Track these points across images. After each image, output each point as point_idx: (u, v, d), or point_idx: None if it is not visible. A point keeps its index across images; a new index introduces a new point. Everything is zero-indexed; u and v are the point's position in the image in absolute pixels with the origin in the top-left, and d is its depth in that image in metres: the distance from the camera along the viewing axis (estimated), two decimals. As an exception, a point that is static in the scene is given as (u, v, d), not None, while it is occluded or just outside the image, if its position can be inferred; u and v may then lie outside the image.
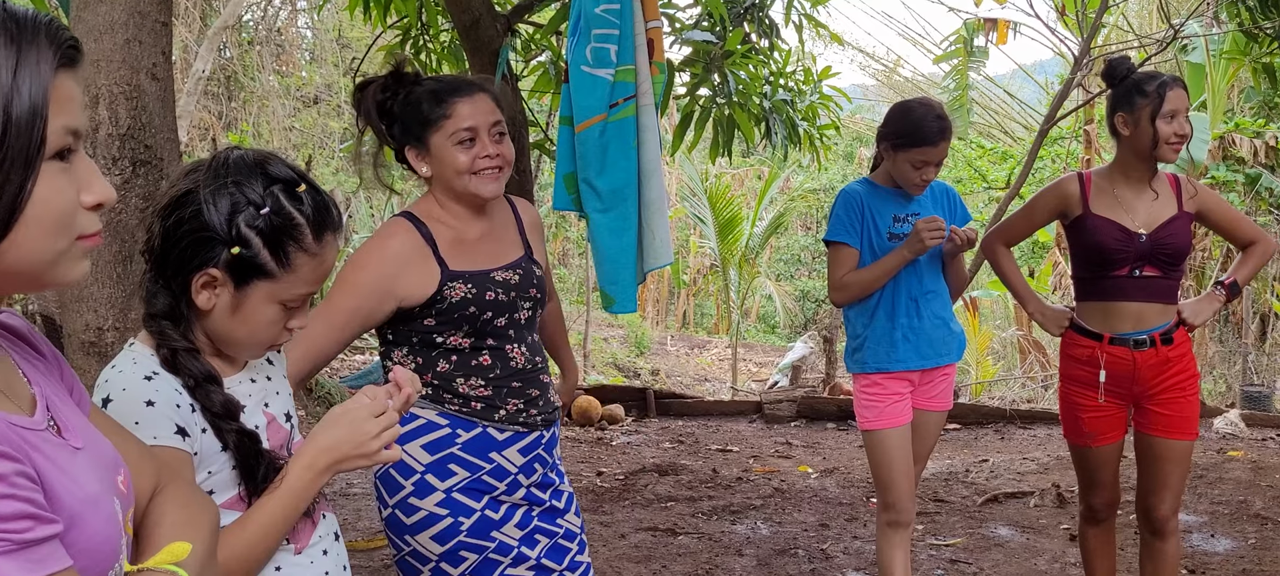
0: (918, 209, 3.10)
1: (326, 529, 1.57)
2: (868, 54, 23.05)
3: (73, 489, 0.97)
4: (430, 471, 2.15)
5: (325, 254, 1.42)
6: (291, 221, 1.38)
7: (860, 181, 3.21)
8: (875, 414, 3.09)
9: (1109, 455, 3.15)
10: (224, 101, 13.12)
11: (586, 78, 2.97)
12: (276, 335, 1.44)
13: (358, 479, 5.73)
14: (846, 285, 3.08)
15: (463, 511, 2.16)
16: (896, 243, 3.04)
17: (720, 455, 6.75)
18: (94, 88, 2.27)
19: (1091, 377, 3.06)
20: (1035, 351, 10.44)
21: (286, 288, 1.40)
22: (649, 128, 3.00)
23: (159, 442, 1.32)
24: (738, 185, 15.62)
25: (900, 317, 3.07)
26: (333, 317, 2.12)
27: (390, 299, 2.13)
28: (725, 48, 5.36)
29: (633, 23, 2.99)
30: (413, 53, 5.77)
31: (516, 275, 2.24)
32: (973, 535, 4.76)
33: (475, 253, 2.22)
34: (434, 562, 2.17)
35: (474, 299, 2.16)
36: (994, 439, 7.37)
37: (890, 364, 3.07)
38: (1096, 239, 3.00)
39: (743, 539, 4.73)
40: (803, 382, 9.77)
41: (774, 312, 16.98)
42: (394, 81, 2.20)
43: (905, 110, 3.07)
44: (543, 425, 2.27)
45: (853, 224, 3.08)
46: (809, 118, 6.26)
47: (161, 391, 1.36)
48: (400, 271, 2.12)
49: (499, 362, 2.21)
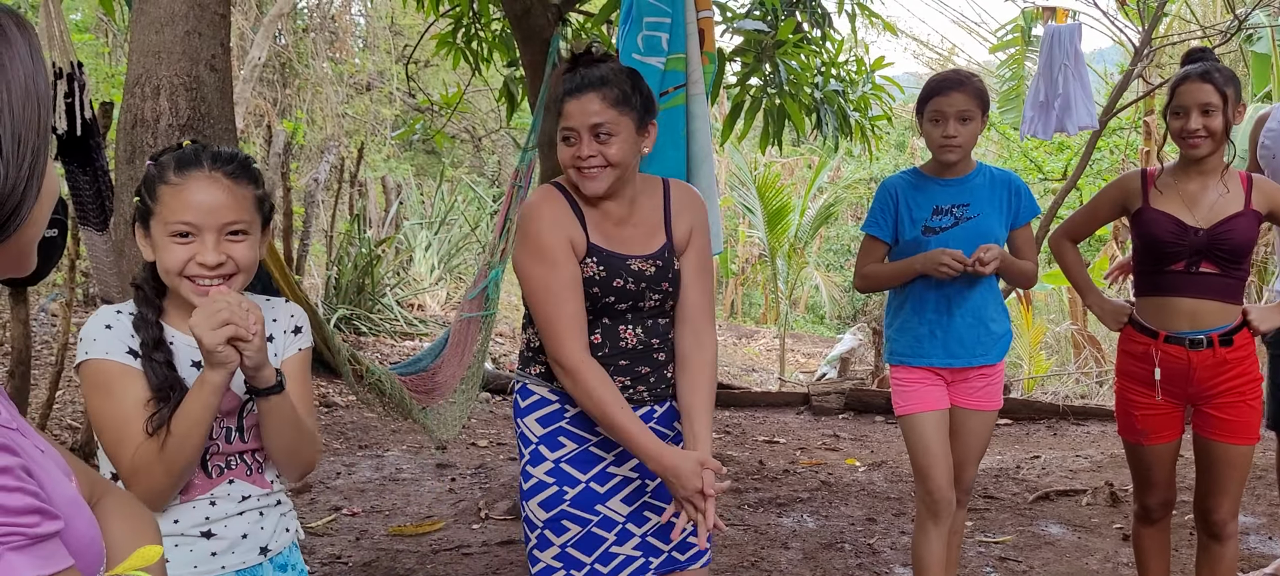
0: (968, 199, 3.05)
1: (233, 492, 1.75)
2: (922, 42, 22.85)
3: (55, 490, 0.94)
4: (543, 442, 2.26)
5: (188, 184, 1.66)
6: (159, 167, 1.70)
7: (905, 172, 3.19)
8: (905, 399, 3.11)
9: (1163, 454, 3.09)
10: (278, 88, 13.30)
11: (637, 66, 2.97)
12: (182, 264, 1.65)
13: (407, 464, 5.80)
14: (868, 276, 3.16)
15: (568, 481, 2.25)
16: (932, 236, 3.02)
17: (767, 446, 6.73)
18: (155, 79, 2.31)
19: (1146, 374, 3.01)
20: (1089, 346, 10.26)
21: (163, 216, 1.66)
22: (699, 116, 3.00)
23: (110, 357, 1.64)
24: (787, 174, 15.54)
25: (928, 314, 3.06)
26: (544, 293, 2.16)
27: (571, 250, 2.17)
28: (777, 37, 5.33)
29: (684, 11, 2.98)
30: (464, 41, 5.81)
31: (654, 266, 2.25)
32: (1023, 532, 4.69)
33: (616, 235, 2.23)
34: (540, 529, 2.26)
35: (600, 281, 2.19)
36: (1046, 435, 7.26)
37: (914, 358, 3.09)
38: (1151, 231, 2.95)
39: (789, 531, 4.71)
40: (851, 375, 9.71)
41: (822, 303, 16.89)
42: (572, 63, 2.26)
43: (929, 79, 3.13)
44: (653, 400, 2.30)
45: (885, 216, 3.10)
46: (861, 108, 6.20)
47: (117, 324, 1.69)
48: (564, 224, 2.18)
49: (608, 341, 2.24)
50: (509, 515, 4.81)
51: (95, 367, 1.65)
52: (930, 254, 2.96)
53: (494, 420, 7.34)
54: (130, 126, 2.31)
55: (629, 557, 2.30)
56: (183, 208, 1.65)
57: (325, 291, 10.11)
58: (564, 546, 2.25)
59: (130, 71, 2.37)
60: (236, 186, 1.68)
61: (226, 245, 1.66)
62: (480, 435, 6.77)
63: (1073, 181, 7.38)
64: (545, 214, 2.19)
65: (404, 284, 11.71)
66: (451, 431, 4.17)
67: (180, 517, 1.71)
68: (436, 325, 10.92)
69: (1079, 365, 10.35)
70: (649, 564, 2.31)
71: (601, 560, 2.27)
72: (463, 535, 4.55)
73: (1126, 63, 7.79)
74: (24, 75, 0.91)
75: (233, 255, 1.67)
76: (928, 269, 2.97)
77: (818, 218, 13.71)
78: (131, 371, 1.65)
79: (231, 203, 1.67)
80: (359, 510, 4.91)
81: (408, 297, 11.50)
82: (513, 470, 5.58)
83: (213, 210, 1.65)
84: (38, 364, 6.30)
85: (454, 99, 7.02)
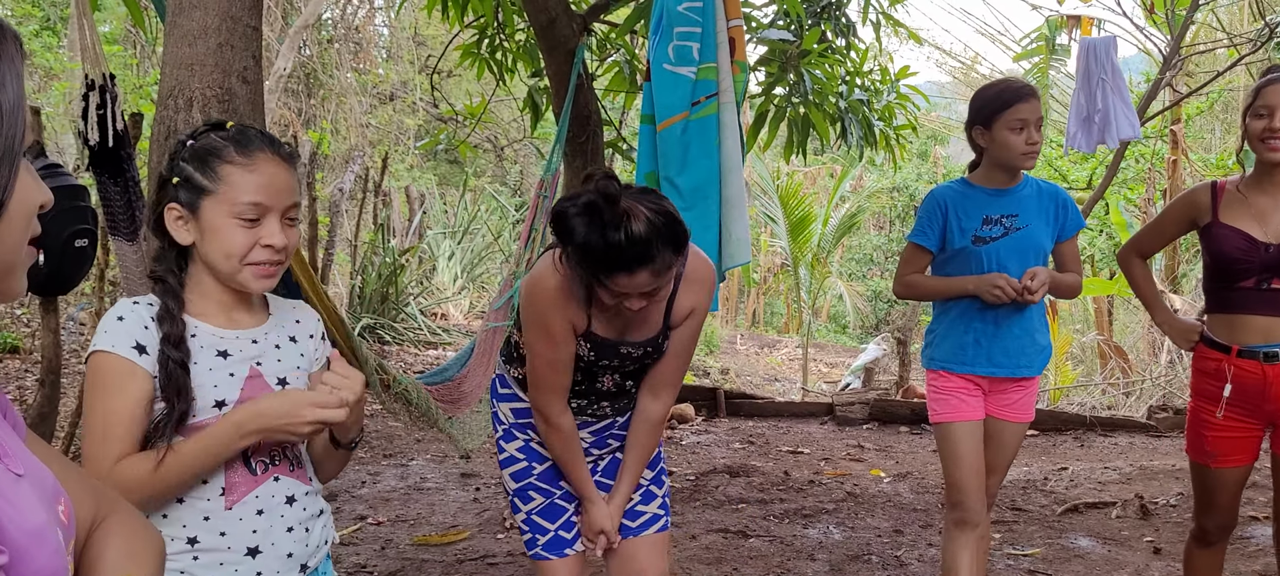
0: (1017, 210, 3.02)
1: (278, 491, 1.66)
2: (945, 51, 22.71)
3: (16, 519, 0.88)
4: (515, 427, 2.55)
5: (256, 164, 1.59)
6: (212, 144, 1.61)
7: (955, 181, 3.15)
8: (944, 407, 3.07)
9: (1230, 479, 2.96)
10: (303, 98, 13.40)
11: (669, 76, 2.96)
12: (247, 248, 1.59)
13: (431, 473, 5.81)
14: (911, 285, 3.14)
15: (537, 458, 2.52)
16: (981, 245, 2.99)
17: (791, 457, 6.70)
18: (188, 91, 2.33)
19: (1218, 392, 2.89)
20: (1116, 357, 10.16)
21: (228, 198, 1.58)
22: (729, 126, 2.99)
23: (114, 350, 1.55)
24: (809, 183, 15.50)
25: (974, 322, 3.03)
26: (541, 360, 2.31)
27: (572, 332, 2.28)
28: (802, 47, 5.31)
29: (715, 21, 2.98)
30: (489, 51, 5.82)
31: (644, 349, 2.36)
32: (1052, 545, 4.65)
33: (617, 324, 2.31)
34: (512, 496, 2.56)
35: (586, 357, 2.34)
36: (1073, 446, 7.19)
37: (958, 365, 3.06)
38: (1220, 247, 2.85)
39: (815, 543, 4.69)
40: (875, 385, 9.66)
41: (845, 313, 16.83)
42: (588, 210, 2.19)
43: (979, 91, 3.06)
44: (616, 414, 2.51)
45: (932, 226, 3.07)
46: (886, 117, 6.18)
47: (130, 316, 1.59)
48: (569, 311, 2.25)
49: (586, 382, 2.42)
50: (533, 525, 4.81)
51: (97, 361, 1.57)
52: (985, 278, 2.95)
53: (517, 429, 7.35)
54: (164, 138, 2.32)
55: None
56: (255, 188, 1.58)
57: (350, 300, 10.17)
58: (530, 513, 2.53)
59: (163, 84, 2.38)
60: (292, 170, 1.65)
61: (285, 229, 1.62)
62: (504, 444, 6.77)
63: (1099, 192, 7.31)
64: (555, 298, 2.23)
65: (427, 293, 11.76)
66: (476, 441, 4.18)
67: (227, 529, 1.61)
68: (459, 334, 10.95)
69: (1105, 376, 10.25)
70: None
71: (564, 527, 2.52)
72: (488, 545, 4.55)
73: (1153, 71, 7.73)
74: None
75: (289, 240, 1.63)
76: (980, 292, 2.95)
77: (841, 227, 13.68)
78: (133, 370, 1.56)
79: (292, 185, 1.63)
80: (384, 519, 4.92)
81: (431, 307, 11.55)
82: (537, 480, 5.57)
83: (281, 191, 1.61)
84: (66, 372, 6.36)
85: (478, 109, 7.04)
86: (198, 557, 1.59)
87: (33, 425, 3.93)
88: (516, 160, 15.85)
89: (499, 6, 5.55)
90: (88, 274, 4.65)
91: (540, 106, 5.94)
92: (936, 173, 17.18)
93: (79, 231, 3.73)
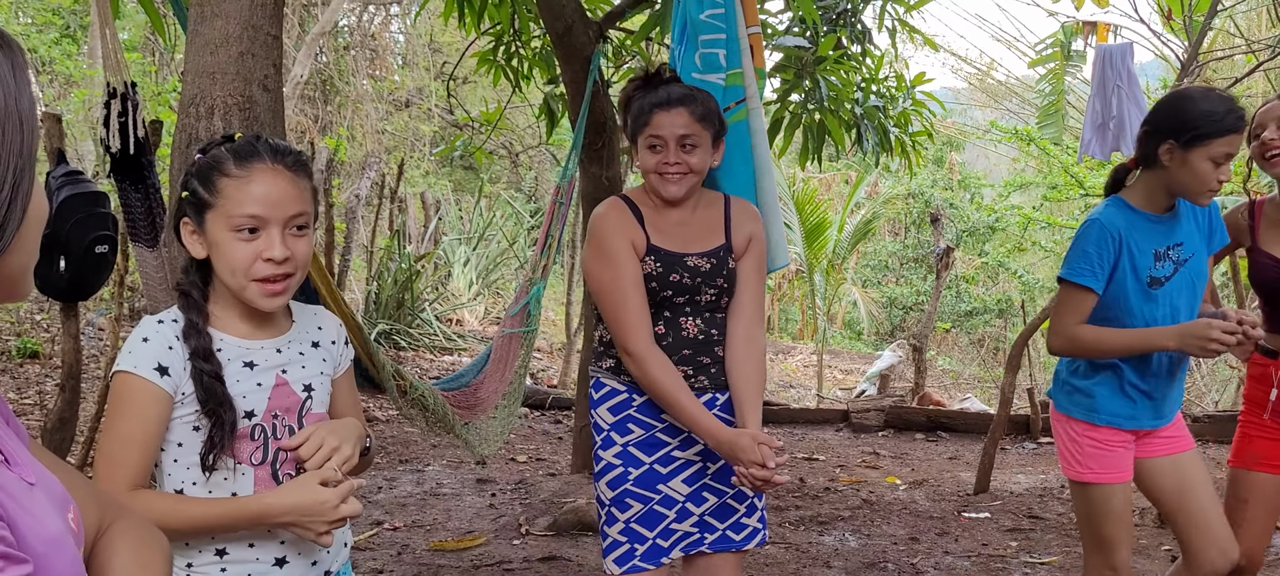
0: (1180, 238, 2.62)
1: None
2: (960, 57, 22.62)
3: (36, 528, 0.88)
4: (613, 429, 2.48)
5: (252, 175, 1.59)
6: (214, 158, 1.61)
7: (1115, 204, 2.64)
8: (1102, 465, 2.68)
9: (1263, 485, 2.87)
10: (320, 105, 13.46)
11: (696, 84, 2.96)
12: (249, 262, 1.59)
13: (447, 479, 5.83)
14: (1077, 339, 2.62)
15: (633, 463, 2.46)
16: (1157, 287, 2.58)
17: (806, 464, 6.69)
18: (209, 99, 2.35)
19: (1264, 397, 2.86)
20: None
21: (225, 211, 1.59)
22: (758, 131, 2.99)
23: (137, 371, 1.56)
24: (825, 189, 15.47)
25: (1149, 377, 2.64)
26: (610, 291, 2.37)
27: (633, 251, 2.38)
28: (817, 53, 5.32)
29: (737, 27, 2.98)
30: (505, 58, 5.85)
31: (708, 263, 2.43)
32: (1069, 554, 4.62)
33: (675, 234, 2.43)
34: (608, 506, 2.49)
35: (658, 276, 2.38)
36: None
37: (1128, 421, 2.67)
38: (1261, 275, 2.84)
39: (831, 550, 4.68)
40: (891, 391, 9.63)
41: (859, 319, 16.78)
42: (645, 81, 2.48)
43: (1185, 99, 2.56)
44: (714, 389, 2.47)
45: (1103, 264, 2.57)
46: (901, 124, 6.17)
47: (155, 336, 1.60)
48: (627, 227, 2.40)
49: (671, 332, 2.43)
50: (549, 531, 4.82)
51: (119, 382, 1.57)
52: (1194, 331, 2.48)
53: (533, 435, 7.37)
54: (185, 145, 2.34)
55: (686, 533, 2.49)
56: (249, 200, 1.57)
57: (365, 306, 10.21)
58: (628, 521, 2.46)
59: (185, 92, 2.41)
60: (297, 178, 1.62)
61: (290, 241, 1.61)
62: (520, 450, 6.79)
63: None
64: (611, 218, 2.42)
65: (443, 299, 11.79)
66: (493, 447, 4.19)
67: (256, 541, 1.62)
68: (475, 340, 10.98)
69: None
70: (703, 539, 2.50)
71: (662, 535, 2.46)
72: (504, 550, 4.56)
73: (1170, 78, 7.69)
74: (2, 95, 0.86)
75: (295, 252, 1.61)
76: (1186, 347, 2.49)
77: (856, 233, 13.65)
78: (153, 392, 1.56)
79: (295, 194, 1.61)
80: (400, 525, 4.94)
81: (446, 312, 11.58)
82: (553, 486, 5.59)
83: (279, 202, 1.59)
84: (86, 378, 6.40)
85: (494, 116, 7.06)
86: (226, 569, 1.62)
87: (53, 430, 3.97)
88: (532, 167, 15.88)
89: (515, 13, 5.58)
90: (108, 280, 4.69)
91: (556, 113, 5.96)
92: (952, 179, 17.11)
93: (100, 237, 3.76)
